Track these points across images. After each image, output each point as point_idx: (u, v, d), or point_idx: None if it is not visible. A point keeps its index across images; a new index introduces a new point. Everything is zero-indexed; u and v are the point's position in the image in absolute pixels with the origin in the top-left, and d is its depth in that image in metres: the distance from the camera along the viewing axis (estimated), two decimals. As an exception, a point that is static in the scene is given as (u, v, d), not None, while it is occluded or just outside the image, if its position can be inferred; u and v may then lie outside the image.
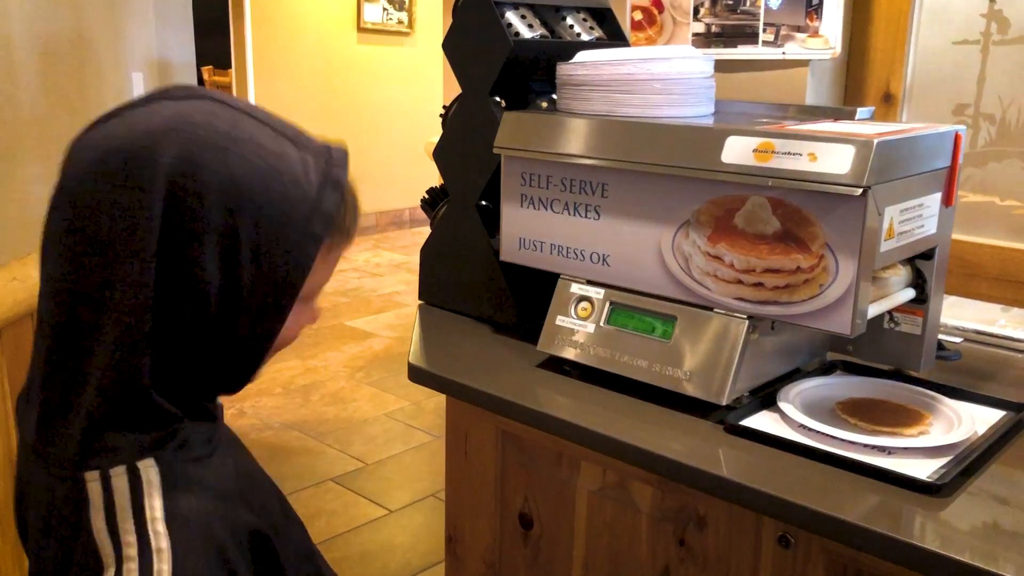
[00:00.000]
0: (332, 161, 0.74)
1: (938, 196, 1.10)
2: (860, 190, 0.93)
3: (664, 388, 1.08)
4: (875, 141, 0.93)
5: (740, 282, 1.04)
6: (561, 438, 1.09)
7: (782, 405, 1.05)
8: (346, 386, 3.48)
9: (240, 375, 0.75)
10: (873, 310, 1.04)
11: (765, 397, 1.09)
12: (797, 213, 0.98)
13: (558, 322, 1.20)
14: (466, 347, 1.30)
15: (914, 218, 1.05)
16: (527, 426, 1.13)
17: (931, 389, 1.11)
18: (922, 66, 1.34)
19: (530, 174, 1.22)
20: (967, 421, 1.01)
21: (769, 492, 0.90)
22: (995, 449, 0.99)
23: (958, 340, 1.34)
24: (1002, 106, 1.28)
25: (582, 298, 1.19)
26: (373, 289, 4.85)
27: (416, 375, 1.22)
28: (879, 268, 1.02)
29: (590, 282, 1.19)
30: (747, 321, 1.05)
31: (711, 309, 1.07)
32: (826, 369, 1.19)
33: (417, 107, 6.36)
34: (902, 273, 1.07)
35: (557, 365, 1.20)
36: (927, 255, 1.12)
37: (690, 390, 1.06)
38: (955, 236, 1.15)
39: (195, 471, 0.71)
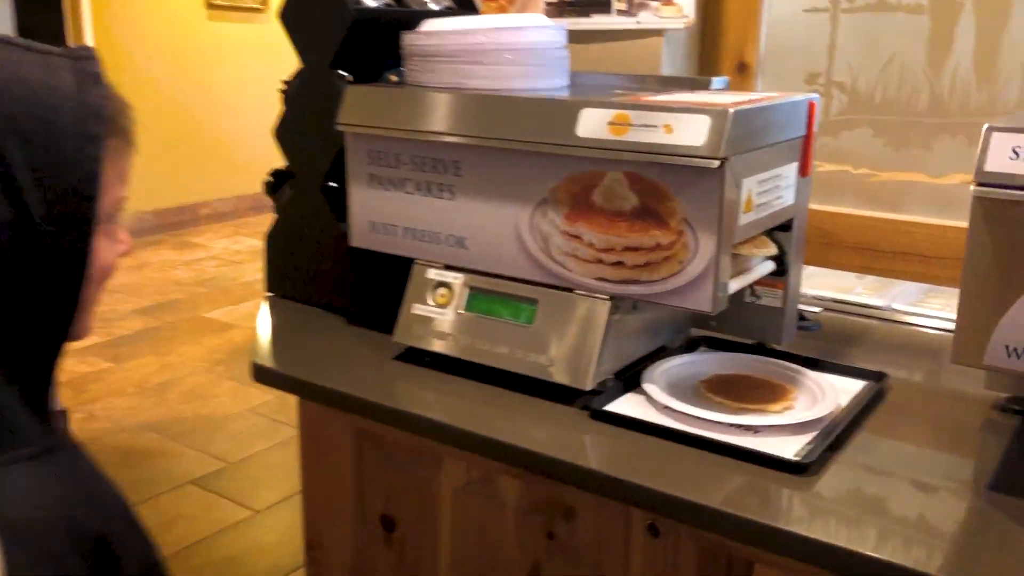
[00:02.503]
0: (79, 56, 0.67)
1: (795, 166, 1.08)
2: (717, 162, 0.90)
3: (527, 375, 1.03)
4: (730, 111, 0.90)
5: (600, 261, 0.99)
6: (421, 436, 1.02)
7: (646, 386, 1.01)
8: (205, 381, 3.31)
9: (63, 317, 0.68)
10: (734, 285, 1.01)
11: (630, 378, 1.05)
12: (655, 188, 0.94)
13: (414, 310, 1.12)
14: (317, 341, 1.21)
15: (772, 189, 1.03)
16: (385, 424, 1.05)
17: (794, 362, 1.10)
18: (774, 35, 1.33)
19: (378, 152, 1.14)
20: (830, 394, 1.00)
21: (634, 481, 0.87)
22: (858, 420, 0.98)
23: (817, 310, 1.34)
24: (852, 74, 1.29)
25: (439, 284, 1.12)
26: (233, 278, 4.64)
27: (262, 375, 1.13)
28: (738, 242, 0.99)
29: (447, 267, 1.12)
30: (609, 302, 1.00)
31: (572, 291, 1.02)
32: (690, 346, 1.17)
33: (274, 86, 6.07)
34: (766, 246, 1.05)
35: (415, 356, 1.13)
36: (785, 226, 1.10)
37: (554, 376, 1.01)
38: (811, 206, 1.14)
39: (32, 472, 0.63)
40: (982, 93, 1.18)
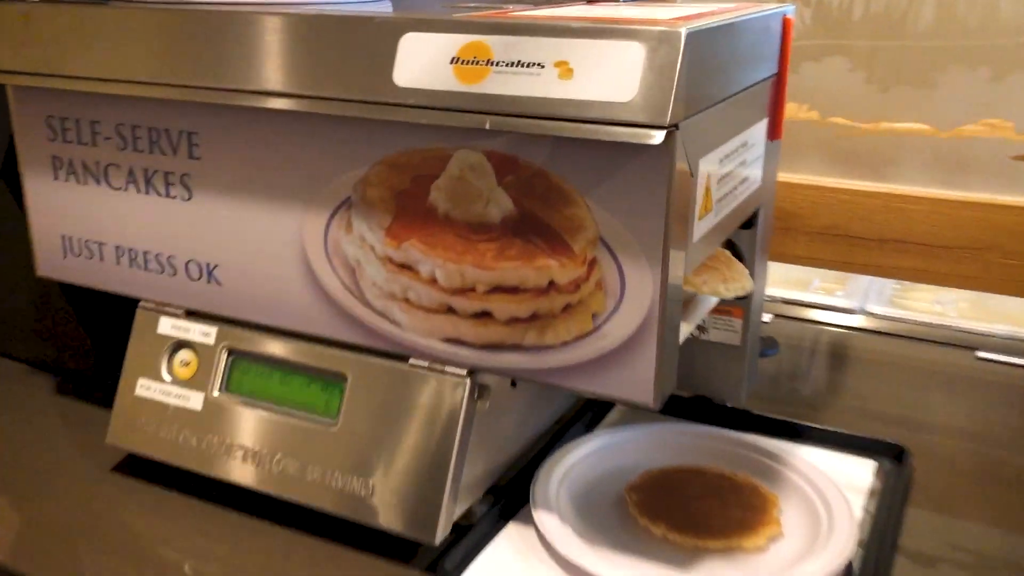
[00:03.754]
0: None
1: (763, 126, 0.66)
2: (661, 133, 0.46)
3: (332, 515, 0.59)
4: (683, 31, 0.47)
5: (451, 311, 0.55)
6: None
7: (541, 519, 0.59)
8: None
9: None
10: (683, 332, 0.59)
11: (510, 488, 0.63)
12: (544, 182, 0.51)
13: (140, 390, 0.66)
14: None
15: (736, 169, 0.61)
16: (75, 617, 0.60)
17: (761, 432, 0.70)
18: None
19: (62, 120, 0.66)
20: (834, 499, 0.61)
21: None
22: (894, 550, 0.59)
23: (767, 318, 0.96)
24: (818, -22, 0.88)
25: (179, 344, 0.66)
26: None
27: None
28: (691, 271, 0.57)
29: (191, 313, 0.66)
30: (468, 380, 0.57)
31: (405, 359, 0.58)
32: (589, 414, 0.76)
33: None
34: (737, 279, 0.64)
35: (148, 469, 0.67)
36: (747, 223, 0.69)
37: (379, 518, 0.58)
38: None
39: None
40: (1014, 2, 0.79)
